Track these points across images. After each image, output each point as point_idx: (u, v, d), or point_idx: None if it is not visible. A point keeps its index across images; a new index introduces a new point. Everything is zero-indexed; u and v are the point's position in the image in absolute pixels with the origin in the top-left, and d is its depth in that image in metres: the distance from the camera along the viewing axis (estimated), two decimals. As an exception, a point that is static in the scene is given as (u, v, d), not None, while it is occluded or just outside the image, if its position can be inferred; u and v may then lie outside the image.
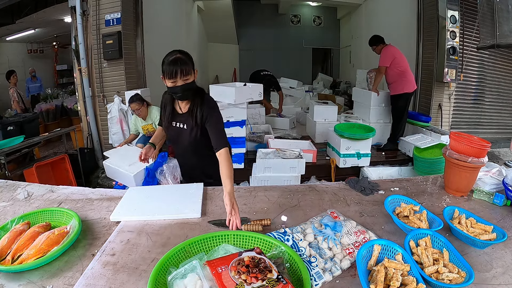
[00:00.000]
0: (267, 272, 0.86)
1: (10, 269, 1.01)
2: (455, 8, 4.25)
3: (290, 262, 0.99)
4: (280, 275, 0.85)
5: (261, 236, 1.09)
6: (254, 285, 0.82)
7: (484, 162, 1.49)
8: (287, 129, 4.95)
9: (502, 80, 4.94)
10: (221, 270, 0.87)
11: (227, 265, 0.88)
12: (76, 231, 1.17)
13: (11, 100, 5.59)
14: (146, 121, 3.47)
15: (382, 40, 3.97)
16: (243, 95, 3.21)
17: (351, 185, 1.66)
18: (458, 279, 0.93)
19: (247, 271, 0.86)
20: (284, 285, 0.82)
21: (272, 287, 0.81)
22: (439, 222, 1.21)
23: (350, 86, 8.32)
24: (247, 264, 0.89)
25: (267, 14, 10.30)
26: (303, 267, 0.93)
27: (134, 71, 4.39)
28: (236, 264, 0.89)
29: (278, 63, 10.08)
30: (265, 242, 1.08)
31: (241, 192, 1.61)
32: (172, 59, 1.40)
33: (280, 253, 1.01)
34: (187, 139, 1.61)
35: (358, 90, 4.74)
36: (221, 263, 0.90)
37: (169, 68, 1.39)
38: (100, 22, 4.08)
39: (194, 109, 1.53)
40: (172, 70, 1.38)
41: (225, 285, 0.82)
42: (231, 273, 0.86)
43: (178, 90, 1.44)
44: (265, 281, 0.83)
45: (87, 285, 0.96)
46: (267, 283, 0.82)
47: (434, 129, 3.96)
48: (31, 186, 1.70)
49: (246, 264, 0.89)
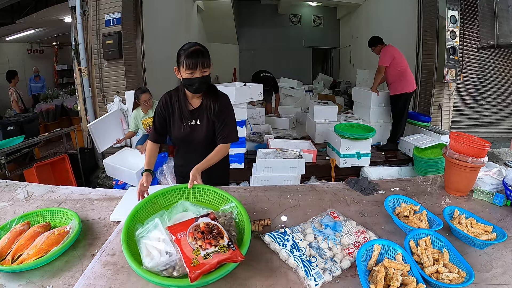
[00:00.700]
0: (219, 238, 0.98)
1: (10, 269, 1.01)
2: (455, 8, 4.25)
3: (239, 216, 1.14)
4: (230, 241, 0.97)
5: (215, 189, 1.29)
6: (208, 250, 0.94)
7: (484, 162, 1.49)
8: (287, 129, 4.95)
9: (502, 80, 4.94)
10: (180, 236, 0.99)
11: (185, 231, 1.01)
12: (76, 231, 1.17)
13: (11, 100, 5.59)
14: (148, 114, 3.46)
15: (380, 40, 3.98)
16: (243, 95, 3.21)
17: (351, 185, 1.66)
18: (458, 279, 0.94)
19: (203, 237, 0.99)
20: (233, 251, 0.93)
21: (223, 252, 0.93)
22: (439, 222, 1.21)
23: (350, 86, 8.31)
24: (203, 230, 1.01)
25: (267, 14, 10.30)
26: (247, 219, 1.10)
27: (134, 71, 4.39)
28: (193, 230, 1.02)
29: (278, 63, 10.08)
30: (218, 195, 1.27)
31: (241, 192, 1.61)
32: (193, 50, 1.37)
33: (231, 208, 1.17)
34: (202, 134, 1.57)
35: (358, 90, 4.74)
36: (180, 229, 1.02)
37: (190, 59, 1.36)
38: (100, 22, 4.08)
39: (209, 103, 1.52)
40: (193, 61, 1.36)
41: (184, 251, 0.94)
42: (189, 239, 0.98)
43: (195, 82, 1.41)
44: (218, 247, 0.95)
45: (87, 285, 0.96)
46: (219, 249, 0.94)
47: (434, 129, 3.96)
48: (31, 186, 1.70)
49: (202, 230, 1.01)
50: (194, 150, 1.64)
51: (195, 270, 0.87)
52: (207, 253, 0.93)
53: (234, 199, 1.21)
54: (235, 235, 1.06)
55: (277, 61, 10.16)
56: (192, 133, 1.57)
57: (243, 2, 9.68)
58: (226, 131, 1.54)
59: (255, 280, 0.99)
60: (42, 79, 7.15)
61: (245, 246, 0.99)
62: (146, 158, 1.55)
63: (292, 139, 4.06)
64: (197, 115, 1.56)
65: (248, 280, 0.99)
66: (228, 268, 0.93)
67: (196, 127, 1.57)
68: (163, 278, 0.91)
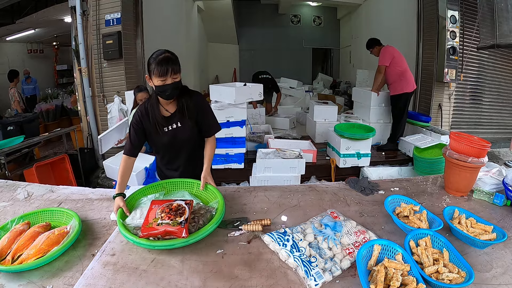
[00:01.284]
0: (178, 216, 1.17)
1: (10, 269, 1.01)
2: (455, 8, 4.25)
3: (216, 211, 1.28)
4: (185, 221, 1.14)
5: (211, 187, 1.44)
6: (164, 221, 1.14)
7: (484, 162, 1.49)
8: (287, 129, 4.95)
9: (502, 80, 4.94)
10: (154, 207, 1.23)
11: (160, 205, 1.23)
12: (76, 231, 1.17)
13: (12, 100, 5.59)
14: None
15: (378, 42, 3.99)
16: (243, 95, 3.20)
17: (351, 185, 1.66)
18: (458, 279, 0.94)
19: (168, 212, 1.18)
20: (180, 228, 1.11)
21: (173, 225, 1.12)
22: (439, 222, 1.21)
23: (350, 86, 8.31)
24: (172, 208, 1.21)
25: (267, 14, 10.29)
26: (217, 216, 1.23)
27: (134, 71, 4.39)
28: (165, 206, 1.22)
29: (278, 63, 10.07)
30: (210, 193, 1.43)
31: (241, 192, 1.61)
32: (162, 57, 1.40)
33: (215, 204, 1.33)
34: (186, 135, 1.60)
35: (358, 90, 4.74)
36: (159, 204, 1.25)
37: (160, 66, 1.39)
38: (100, 22, 4.08)
39: (185, 105, 1.55)
40: (163, 68, 1.39)
41: (149, 216, 1.18)
42: (158, 211, 1.20)
43: (168, 88, 1.43)
44: (172, 221, 1.14)
45: (87, 285, 0.97)
46: (171, 223, 1.13)
47: (434, 129, 3.96)
48: (31, 186, 1.70)
49: (171, 208, 1.21)
50: (179, 152, 1.67)
51: (146, 231, 1.11)
52: (162, 223, 1.13)
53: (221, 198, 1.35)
54: (201, 223, 1.22)
55: (277, 61, 10.15)
56: (176, 136, 1.59)
57: (243, 2, 9.67)
58: (209, 124, 1.64)
59: (255, 280, 0.99)
60: (33, 80, 6.86)
61: (200, 233, 1.14)
62: (119, 178, 1.44)
63: (292, 139, 4.06)
64: (177, 119, 1.57)
65: (248, 280, 0.99)
66: (174, 243, 1.10)
67: (178, 130, 1.58)
68: (128, 231, 1.15)
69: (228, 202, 1.47)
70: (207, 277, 1.01)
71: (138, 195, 1.43)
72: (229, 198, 1.52)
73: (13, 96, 5.55)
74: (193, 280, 1.00)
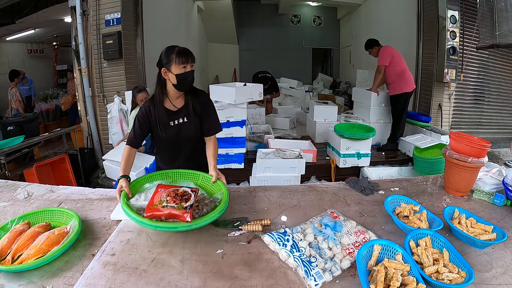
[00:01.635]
0: (184, 201, 1.18)
1: (10, 269, 1.01)
2: (455, 8, 4.25)
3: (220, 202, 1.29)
4: (189, 207, 1.16)
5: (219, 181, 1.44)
6: (169, 204, 1.16)
7: (484, 162, 1.49)
8: (287, 129, 4.95)
9: (502, 80, 4.94)
10: (160, 190, 1.25)
11: (166, 189, 1.25)
12: (76, 231, 1.17)
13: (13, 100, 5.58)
14: None
15: (376, 42, 4.00)
16: (243, 95, 3.20)
17: (351, 185, 1.66)
18: (458, 279, 0.94)
19: (174, 196, 1.20)
20: (185, 212, 1.13)
21: (177, 209, 1.14)
22: (439, 222, 1.21)
23: (350, 86, 8.31)
24: (178, 193, 1.22)
25: (267, 14, 10.29)
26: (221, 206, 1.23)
27: (134, 71, 4.39)
28: (171, 191, 1.24)
29: (278, 63, 10.07)
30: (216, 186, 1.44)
31: (241, 192, 1.61)
32: (181, 48, 1.49)
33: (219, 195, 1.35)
34: (191, 130, 1.64)
35: (358, 90, 4.73)
36: (166, 188, 1.27)
37: (182, 55, 1.46)
38: (100, 22, 4.08)
39: (191, 101, 1.61)
40: (185, 56, 1.47)
41: (154, 198, 1.20)
42: (164, 194, 1.22)
43: (189, 75, 1.50)
44: (177, 205, 1.16)
45: (87, 285, 0.97)
46: (176, 207, 1.15)
47: (434, 129, 3.96)
48: (31, 186, 1.70)
49: (177, 193, 1.22)
50: (180, 149, 1.70)
51: (150, 211, 1.14)
52: (167, 205, 1.16)
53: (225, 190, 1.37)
54: (205, 211, 1.23)
55: (277, 61, 10.15)
56: (180, 132, 1.63)
57: (243, 2, 9.67)
58: (211, 124, 1.67)
59: (255, 280, 0.99)
60: (29, 81, 6.75)
61: (204, 219, 1.16)
62: (122, 164, 1.48)
63: (292, 139, 4.06)
64: (183, 114, 1.62)
65: (248, 280, 0.99)
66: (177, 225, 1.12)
67: (184, 125, 1.62)
68: (131, 210, 1.17)
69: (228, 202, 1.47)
70: (207, 277, 1.01)
71: (143, 181, 1.44)
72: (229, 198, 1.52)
73: (15, 95, 5.54)
74: (193, 280, 1.00)
